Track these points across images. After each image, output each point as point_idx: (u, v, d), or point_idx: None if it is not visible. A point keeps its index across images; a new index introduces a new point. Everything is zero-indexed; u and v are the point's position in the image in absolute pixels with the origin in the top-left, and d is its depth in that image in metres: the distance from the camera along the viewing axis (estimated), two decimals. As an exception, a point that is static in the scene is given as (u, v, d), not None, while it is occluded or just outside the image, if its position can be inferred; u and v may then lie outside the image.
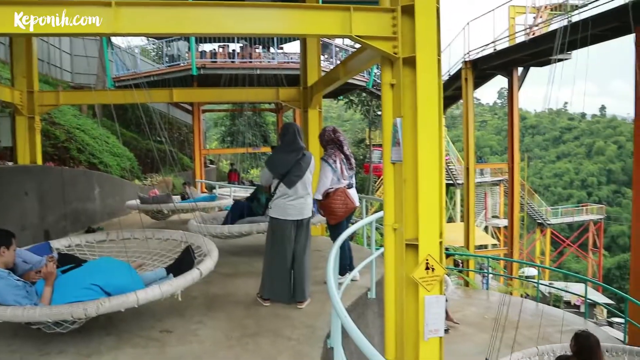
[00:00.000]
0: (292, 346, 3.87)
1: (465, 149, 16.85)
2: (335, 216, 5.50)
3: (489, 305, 9.89)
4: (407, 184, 3.41)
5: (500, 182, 31.34)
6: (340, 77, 6.44)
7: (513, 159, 17.89)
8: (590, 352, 4.27)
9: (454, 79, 20.44)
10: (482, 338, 7.76)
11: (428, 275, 3.38)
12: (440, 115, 3.49)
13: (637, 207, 10.90)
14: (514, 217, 17.93)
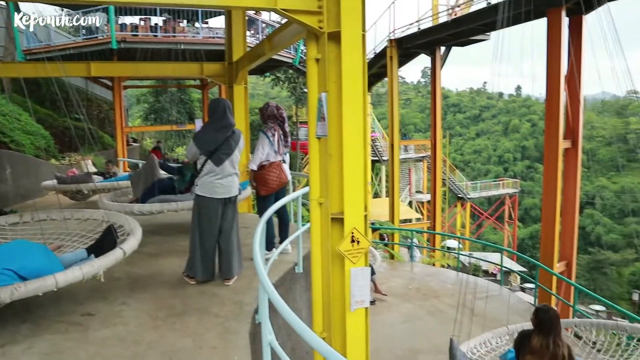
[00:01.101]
0: (220, 323, 3.86)
1: (390, 126, 17.24)
2: (267, 187, 5.55)
3: (412, 277, 10.31)
4: (332, 159, 3.44)
5: (424, 158, 32.39)
6: (266, 52, 6.36)
7: (435, 136, 18.53)
8: (550, 325, 4.40)
9: (379, 56, 20.74)
10: (407, 308, 8.11)
11: (353, 248, 3.45)
12: (364, 91, 3.53)
13: (546, 182, 11.64)
14: (437, 192, 18.67)
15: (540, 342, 4.34)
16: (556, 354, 4.26)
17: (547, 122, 11.71)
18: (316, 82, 3.61)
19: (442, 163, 21.60)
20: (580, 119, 12.67)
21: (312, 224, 3.62)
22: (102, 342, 3.43)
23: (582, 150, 12.83)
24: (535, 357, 4.34)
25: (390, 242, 15.76)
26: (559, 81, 11.54)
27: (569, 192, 12.29)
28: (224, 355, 3.35)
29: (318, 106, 3.52)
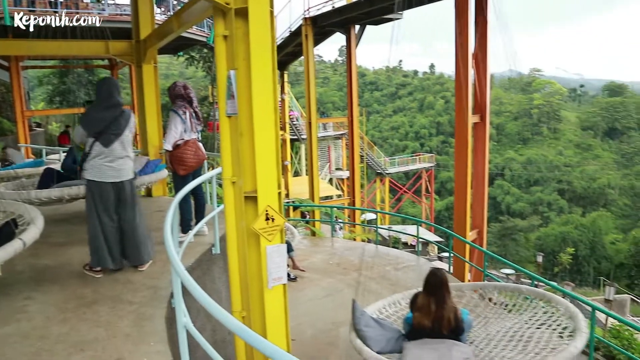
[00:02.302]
0: (134, 310, 3.76)
1: (307, 104, 17.30)
2: (186, 166, 5.46)
3: (333, 252, 10.50)
4: (244, 137, 3.40)
5: (343, 135, 32.85)
6: (175, 29, 6.13)
7: (352, 113, 18.83)
8: (434, 287, 4.63)
9: (295, 35, 20.65)
10: (328, 282, 8.26)
11: (268, 225, 3.45)
12: (274, 68, 3.50)
13: (458, 155, 12.21)
14: (355, 169, 19.06)
15: (425, 301, 4.60)
16: (441, 315, 4.50)
17: (456, 99, 12.21)
18: (224, 59, 3.53)
19: (359, 140, 22.03)
20: (487, 95, 13.31)
21: (226, 204, 3.57)
22: (2, 341, 3.21)
23: (491, 124, 13.52)
24: (421, 315, 4.58)
25: (311, 220, 15.95)
26: (467, 59, 12.03)
27: (479, 164, 12.96)
28: (139, 342, 3.28)
29: (227, 84, 3.45)
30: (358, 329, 4.69)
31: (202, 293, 2.25)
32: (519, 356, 4.35)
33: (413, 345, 4.52)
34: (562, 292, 14.34)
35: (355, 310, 4.89)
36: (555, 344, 4.39)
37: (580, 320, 4.62)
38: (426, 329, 4.56)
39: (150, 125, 8.15)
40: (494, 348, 4.67)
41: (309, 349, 5.79)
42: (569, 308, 4.94)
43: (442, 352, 4.31)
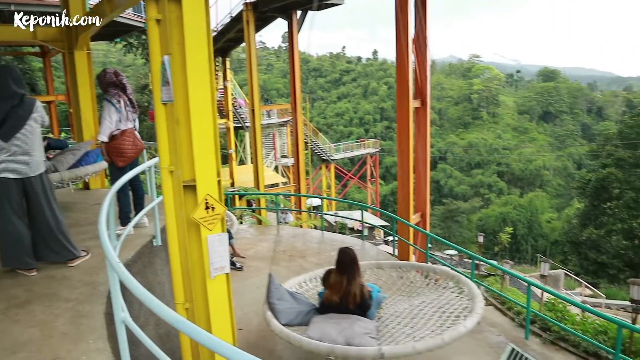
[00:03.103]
0: (71, 307, 3.62)
1: (250, 91, 17.08)
2: (124, 157, 5.29)
3: (279, 240, 10.48)
4: (180, 125, 3.31)
5: (287, 123, 32.74)
6: (107, 13, 5.87)
7: (295, 100, 18.75)
8: (344, 265, 4.89)
9: (235, 20, 20.29)
10: (274, 270, 8.24)
11: (208, 214, 3.39)
12: (210, 53, 3.41)
13: (400, 140, 12.37)
14: (299, 155, 19.05)
15: (337, 278, 4.87)
16: (349, 291, 4.77)
17: (398, 84, 12.33)
18: (158, 45, 3.40)
19: (304, 127, 21.99)
20: (428, 80, 13.52)
21: (165, 194, 3.48)
22: None
23: (433, 109, 13.81)
24: (332, 291, 4.86)
25: (257, 208, 15.86)
26: (407, 45, 12.15)
27: (421, 148, 13.19)
28: (76, 340, 3.15)
29: (161, 70, 3.34)
30: (270, 302, 4.96)
31: (138, 286, 2.18)
32: (416, 333, 4.57)
33: (319, 319, 4.75)
34: (501, 270, 15.03)
35: (271, 284, 5.17)
36: (451, 323, 4.64)
37: (478, 302, 4.90)
38: (334, 304, 4.82)
39: (85, 115, 7.83)
40: (397, 325, 4.89)
41: (256, 338, 5.78)
42: (472, 290, 5.24)
43: (344, 327, 4.52)
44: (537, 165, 71.46)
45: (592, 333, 8.65)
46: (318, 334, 4.46)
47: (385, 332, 4.78)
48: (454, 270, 6.23)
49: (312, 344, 4.31)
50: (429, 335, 4.44)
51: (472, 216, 58.82)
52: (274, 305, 4.95)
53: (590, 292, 26.05)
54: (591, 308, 12.85)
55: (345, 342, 4.35)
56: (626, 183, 37.38)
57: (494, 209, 59.18)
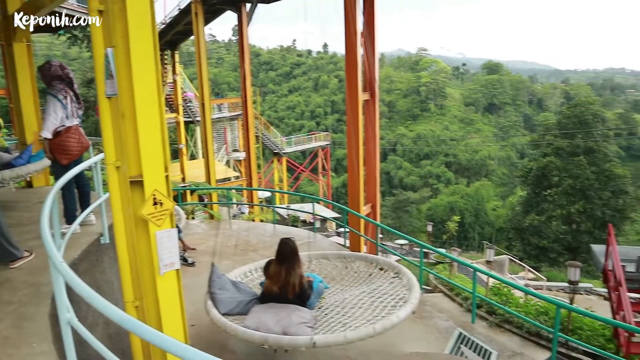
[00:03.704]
0: (13, 310, 3.49)
1: (199, 84, 16.79)
2: (69, 155, 5.10)
3: (231, 234, 10.41)
4: (126, 119, 3.23)
5: (238, 116, 32.44)
6: (47, 3, 5.63)
7: (246, 93, 18.61)
8: (283, 255, 4.97)
9: (184, 13, 19.91)
10: (226, 264, 8.18)
11: (157, 210, 3.33)
12: (155, 45, 3.34)
13: (350, 132, 12.49)
14: (250, 149, 18.94)
15: (276, 269, 4.95)
16: (288, 281, 4.86)
17: (347, 77, 12.43)
18: (101, 37, 3.30)
19: (255, 120, 21.85)
20: (376, 73, 13.70)
21: (111, 190, 3.39)
22: None
23: (383, 102, 13.99)
24: (272, 282, 4.95)
25: (209, 203, 15.67)
26: (356, 38, 12.26)
27: (370, 140, 13.37)
28: (19, 344, 3.05)
29: (105, 63, 3.25)
30: (212, 291, 5.02)
31: (83, 286, 2.13)
32: (353, 322, 4.68)
33: (258, 309, 4.82)
34: (449, 257, 15.47)
35: (213, 273, 5.20)
36: (387, 312, 4.77)
37: (414, 293, 5.05)
38: (274, 294, 4.90)
39: (26, 110, 7.49)
40: (336, 314, 4.99)
41: (208, 333, 5.73)
42: (411, 280, 5.39)
43: (282, 316, 4.58)
44: (482, 155, 73.76)
45: (534, 314, 9.07)
46: (255, 324, 4.52)
47: (324, 322, 4.86)
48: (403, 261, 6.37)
49: (247, 333, 4.38)
50: (364, 324, 4.53)
51: (422, 206, 60.15)
52: (215, 295, 4.99)
53: (532, 275, 27.16)
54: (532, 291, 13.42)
55: (282, 331, 4.41)
56: (564, 171, 39.15)
57: (443, 199, 60.73)
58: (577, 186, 38.26)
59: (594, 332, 8.87)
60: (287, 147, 36.86)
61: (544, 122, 55.41)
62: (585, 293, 21.83)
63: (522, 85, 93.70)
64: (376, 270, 6.01)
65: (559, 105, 77.90)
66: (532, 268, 29.53)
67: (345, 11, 12.17)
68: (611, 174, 39.08)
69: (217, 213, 14.34)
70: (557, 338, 6.58)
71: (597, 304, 18.12)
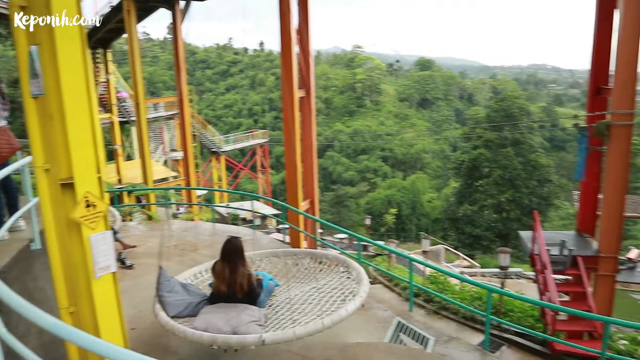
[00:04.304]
0: None
1: (133, 84, 16.34)
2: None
3: (170, 235, 10.24)
4: (54, 120, 3.12)
5: (175, 115, 31.83)
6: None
7: (182, 92, 18.26)
8: (227, 254, 4.93)
9: (116, 10, 19.26)
10: (166, 265, 8.03)
11: (90, 213, 3.25)
12: (83, 42, 3.24)
13: (286, 129, 12.54)
14: (188, 149, 18.63)
15: (221, 268, 4.92)
16: (234, 280, 4.84)
17: (282, 74, 12.47)
18: (24, 34, 3.17)
19: (191, 119, 21.48)
20: (311, 69, 13.82)
21: (41, 193, 3.27)
22: None
23: (320, 99, 14.11)
24: (218, 281, 4.93)
25: (147, 204, 15.28)
26: (290, 35, 12.32)
27: (307, 137, 13.50)
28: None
29: (29, 61, 3.13)
30: (160, 294, 4.96)
31: (11, 294, 2.07)
32: (303, 318, 4.72)
33: (207, 310, 4.79)
34: (387, 249, 15.83)
35: (161, 276, 5.15)
36: (337, 307, 4.82)
37: (363, 286, 5.12)
38: (223, 294, 4.87)
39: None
40: (287, 311, 5.01)
41: (150, 336, 5.64)
42: (360, 274, 5.45)
43: (231, 316, 4.58)
44: (417, 149, 75.80)
45: (469, 300, 9.51)
46: (204, 324, 4.49)
47: (274, 319, 4.87)
48: (344, 255, 6.45)
49: (196, 334, 4.34)
50: (313, 320, 4.57)
51: (360, 200, 61.10)
52: (163, 297, 4.92)
53: (467, 263, 28.32)
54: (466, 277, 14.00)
55: (232, 331, 4.40)
56: (494, 162, 41.03)
57: (380, 192, 61.96)
58: (506, 176, 40.18)
59: (524, 313, 9.37)
60: (226, 146, 36.48)
61: (474, 115, 57.67)
62: (516, 277, 23.02)
63: (453, 80, 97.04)
64: (326, 266, 6.04)
65: (488, 100, 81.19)
66: (466, 256, 30.77)
67: (280, 8, 12.20)
68: (536, 164, 41.35)
69: (155, 214, 14.03)
70: (489, 321, 6.96)
71: (527, 287, 19.16)
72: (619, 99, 8.99)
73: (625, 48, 8.79)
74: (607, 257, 9.47)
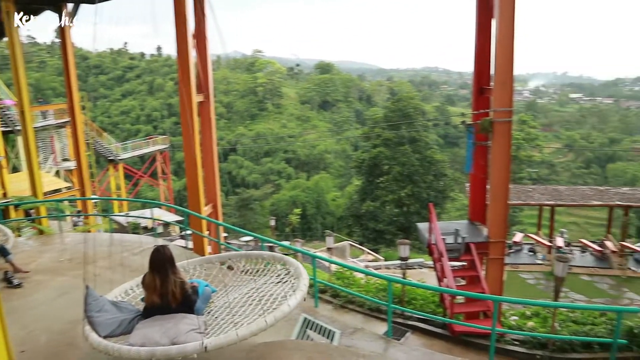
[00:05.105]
0: None
1: (17, 91, 15.32)
2: None
3: (64, 248, 9.83)
4: None
5: (67, 123, 30.15)
6: None
7: (72, 99, 17.41)
8: (155, 264, 4.75)
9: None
10: (61, 281, 7.77)
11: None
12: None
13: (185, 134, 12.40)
14: (81, 158, 17.79)
15: (151, 279, 4.75)
16: (166, 290, 4.68)
17: (180, 79, 12.31)
18: None
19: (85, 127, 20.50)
20: (209, 74, 13.78)
21: None
22: None
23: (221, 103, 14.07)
24: (150, 293, 4.74)
25: (37, 217, 14.40)
26: (187, 39, 12.18)
27: (207, 141, 13.46)
28: None
29: None
30: (89, 315, 4.64)
31: None
32: (244, 320, 4.64)
33: (142, 325, 4.60)
34: (291, 249, 16.19)
35: (89, 296, 4.80)
36: (278, 304, 4.80)
37: (302, 280, 5.10)
38: (157, 306, 4.69)
39: None
40: (227, 315, 4.91)
41: (44, 357, 5.38)
42: (298, 269, 5.40)
43: (168, 327, 4.44)
44: (320, 149, 77.30)
45: (375, 292, 10.02)
46: (140, 340, 4.32)
47: (215, 325, 4.74)
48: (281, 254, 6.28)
49: (132, 350, 4.15)
50: (255, 320, 4.47)
51: (265, 202, 61.30)
52: (93, 318, 4.61)
53: (372, 257, 29.39)
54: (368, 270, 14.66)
55: (170, 342, 4.26)
56: (393, 159, 42.96)
57: (285, 194, 62.57)
58: (404, 172, 42.20)
59: (426, 300, 10.04)
60: (124, 153, 35.17)
61: (373, 116, 59.72)
62: (418, 267, 24.33)
63: (352, 83, 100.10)
64: (262, 266, 5.95)
65: (385, 101, 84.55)
66: (371, 250, 31.93)
67: (176, 12, 11.98)
68: (432, 160, 43.86)
69: (47, 227, 13.28)
70: (391, 310, 7.38)
71: (429, 275, 20.34)
72: (499, 98, 9.84)
73: (502, 52, 9.69)
74: (496, 242, 10.17)
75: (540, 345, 7.76)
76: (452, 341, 8.34)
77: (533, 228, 31.88)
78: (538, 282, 21.14)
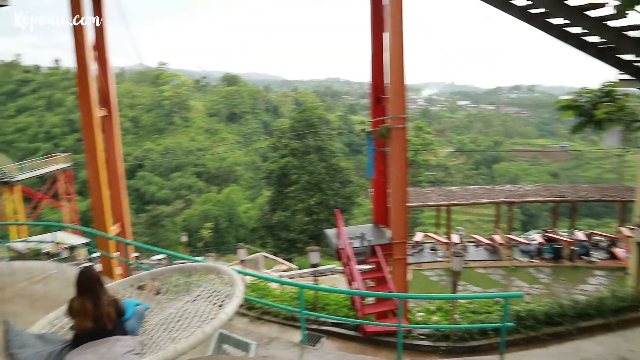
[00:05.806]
0: None
1: None
2: None
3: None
4: None
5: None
6: None
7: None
8: (84, 286, 4.48)
9: None
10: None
11: None
12: None
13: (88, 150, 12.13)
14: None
15: (80, 303, 4.45)
16: (99, 312, 4.44)
17: (80, 93, 12.04)
18: None
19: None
20: (112, 87, 13.52)
21: None
22: None
23: (126, 117, 13.79)
24: (80, 319, 4.44)
25: None
26: (86, 51, 11.89)
27: (112, 157, 13.21)
28: None
29: None
30: (11, 352, 4.35)
31: None
32: (183, 334, 4.55)
33: (73, 355, 4.36)
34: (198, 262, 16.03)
35: (9, 332, 4.48)
36: (215, 313, 4.70)
37: (237, 287, 5.00)
38: (89, 331, 4.44)
39: None
40: (163, 332, 4.80)
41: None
42: (232, 276, 5.26)
43: (102, 352, 4.27)
44: (229, 162, 76.70)
45: (289, 301, 10.21)
46: None
47: (152, 344, 4.60)
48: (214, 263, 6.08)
49: None
50: (194, 332, 4.36)
51: (177, 218, 59.83)
52: (16, 355, 4.30)
53: (286, 266, 29.71)
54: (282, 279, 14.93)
55: None
56: (301, 169, 43.82)
57: (196, 208, 61.42)
58: (312, 181, 43.15)
59: (339, 305, 10.30)
60: (21, 174, 32.98)
61: (280, 126, 60.30)
62: (330, 273, 24.90)
63: (259, 94, 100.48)
64: (196, 277, 5.77)
65: (291, 111, 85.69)
66: (285, 260, 32.28)
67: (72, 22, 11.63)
68: (338, 168, 45.25)
69: None
70: (303, 317, 7.61)
71: (341, 280, 20.84)
72: (394, 106, 10.61)
73: (394, 64, 10.48)
74: (399, 242, 10.83)
75: (443, 337, 8.30)
76: (364, 342, 8.70)
77: (433, 228, 33.83)
78: (440, 279, 22.54)
